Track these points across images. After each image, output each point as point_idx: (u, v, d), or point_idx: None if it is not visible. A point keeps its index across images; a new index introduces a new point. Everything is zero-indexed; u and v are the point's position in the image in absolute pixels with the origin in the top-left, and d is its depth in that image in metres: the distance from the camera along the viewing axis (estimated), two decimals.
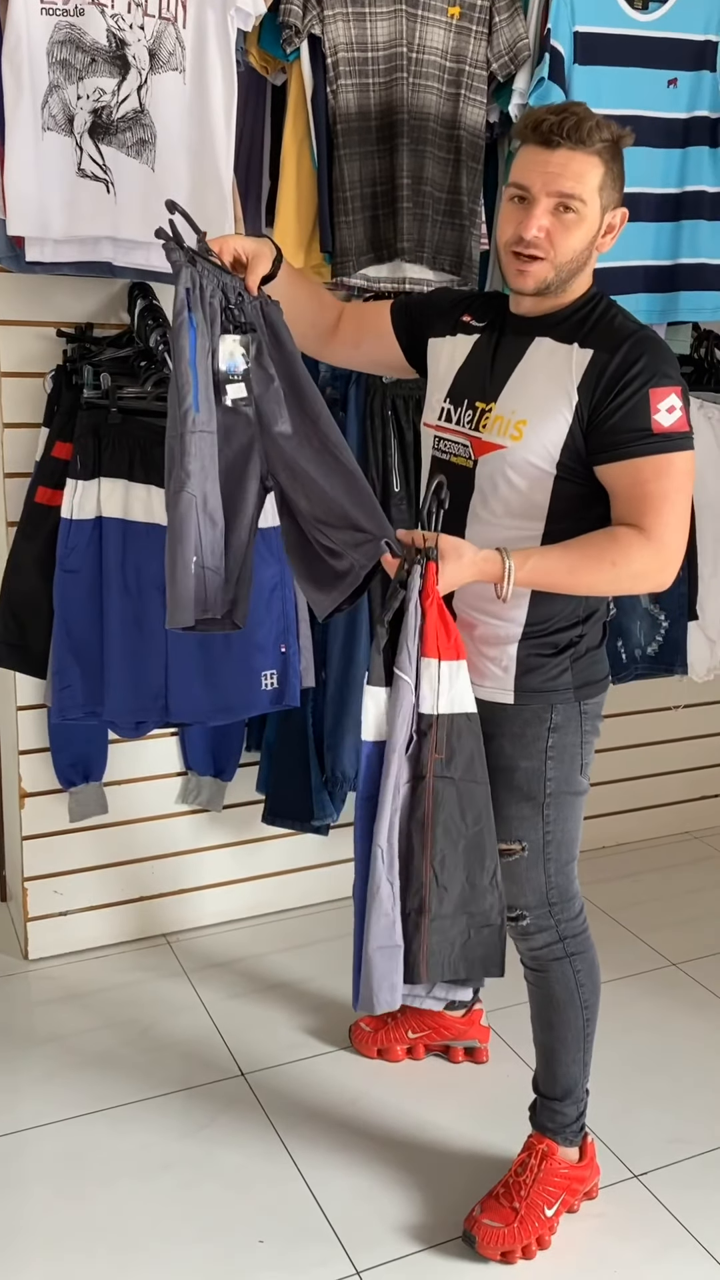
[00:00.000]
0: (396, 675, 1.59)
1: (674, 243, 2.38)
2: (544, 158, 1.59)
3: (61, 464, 2.18)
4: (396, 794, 1.60)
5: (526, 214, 1.61)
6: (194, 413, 1.56)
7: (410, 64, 2.12)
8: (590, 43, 2.20)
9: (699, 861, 3.22)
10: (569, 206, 1.59)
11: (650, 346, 1.62)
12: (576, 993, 1.87)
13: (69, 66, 1.91)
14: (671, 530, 1.62)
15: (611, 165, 1.61)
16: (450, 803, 1.62)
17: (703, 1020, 2.49)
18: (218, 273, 1.61)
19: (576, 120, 1.57)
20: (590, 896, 2.94)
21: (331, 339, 1.91)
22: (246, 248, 1.66)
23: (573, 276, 1.65)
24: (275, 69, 2.16)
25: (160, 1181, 1.99)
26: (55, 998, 2.48)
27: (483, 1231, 1.84)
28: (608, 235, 1.66)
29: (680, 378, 1.64)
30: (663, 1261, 1.87)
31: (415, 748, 1.60)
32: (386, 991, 1.63)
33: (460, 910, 1.65)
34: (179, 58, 1.98)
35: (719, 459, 2.71)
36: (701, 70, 2.31)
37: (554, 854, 1.80)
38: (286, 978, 2.57)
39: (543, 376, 1.65)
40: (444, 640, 1.59)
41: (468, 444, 1.71)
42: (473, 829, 1.64)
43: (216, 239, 1.65)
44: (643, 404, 1.59)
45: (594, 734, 1.81)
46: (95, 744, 2.45)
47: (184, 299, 1.56)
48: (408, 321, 1.86)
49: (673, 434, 1.60)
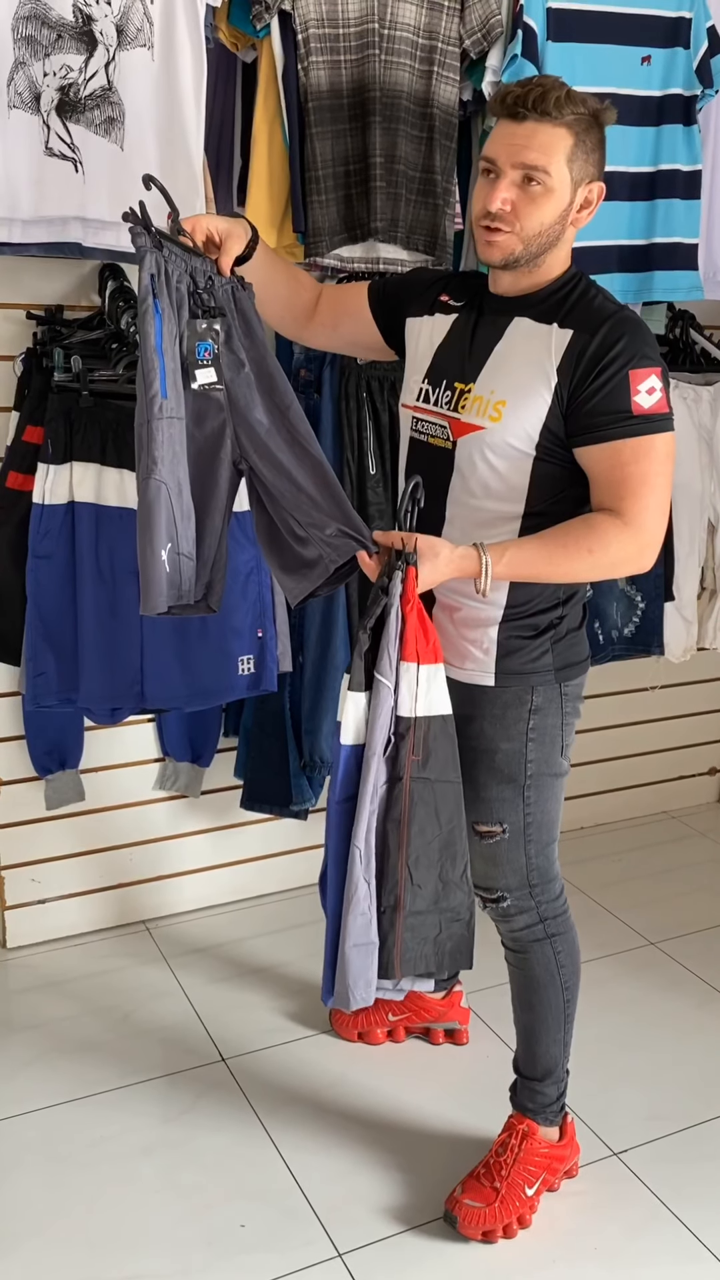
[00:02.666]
0: (376, 679, 1.59)
1: (648, 222, 2.37)
2: (511, 130, 1.58)
3: (32, 448, 2.15)
4: (374, 796, 1.61)
5: (491, 187, 1.60)
6: (161, 398, 1.55)
7: (382, 41, 2.10)
8: (563, 19, 2.18)
9: (677, 841, 3.25)
10: (533, 178, 1.57)
11: (630, 327, 1.61)
12: (557, 974, 1.88)
13: (34, 43, 1.87)
14: (650, 513, 1.61)
15: (584, 137, 1.58)
16: (426, 803, 1.63)
17: (680, 998, 2.51)
18: (187, 255, 1.59)
19: (542, 91, 1.55)
20: (569, 876, 2.95)
21: (309, 321, 1.89)
22: (220, 227, 1.64)
23: (545, 251, 1.63)
24: (245, 46, 2.14)
25: (141, 1167, 1.99)
26: (34, 985, 2.47)
27: (464, 1211, 1.85)
28: (584, 210, 1.64)
29: (660, 359, 1.63)
30: (643, 1238, 1.89)
31: (393, 750, 1.62)
32: (362, 988, 1.65)
33: (433, 907, 1.67)
34: (147, 34, 1.94)
35: (695, 439, 2.72)
36: (675, 47, 2.30)
37: (534, 835, 1.81)
38: (266, 962, 2.57)
39: (521, 357, 1.64)
40: (423, 644, 1.60)
41: (446, 425, 1.69)
42: (446, 827, 1.66)
43: (190, 218, 1.63)
44: (622, 385, 1.58)
45: (574, 715, 1.81)
46: (71, 731, 2.44)
47: (148, 285, 1.54)
48: (385, 302, 1.84)
49: (653, 415, 1.59)
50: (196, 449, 1.63)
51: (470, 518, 1.68)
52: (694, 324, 2.74)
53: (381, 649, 1.58)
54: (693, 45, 2.31)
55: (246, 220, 1.72)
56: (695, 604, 2.86)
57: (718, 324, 2.86)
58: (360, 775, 1.61)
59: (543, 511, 1.66)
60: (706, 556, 2.85)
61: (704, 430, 2.73)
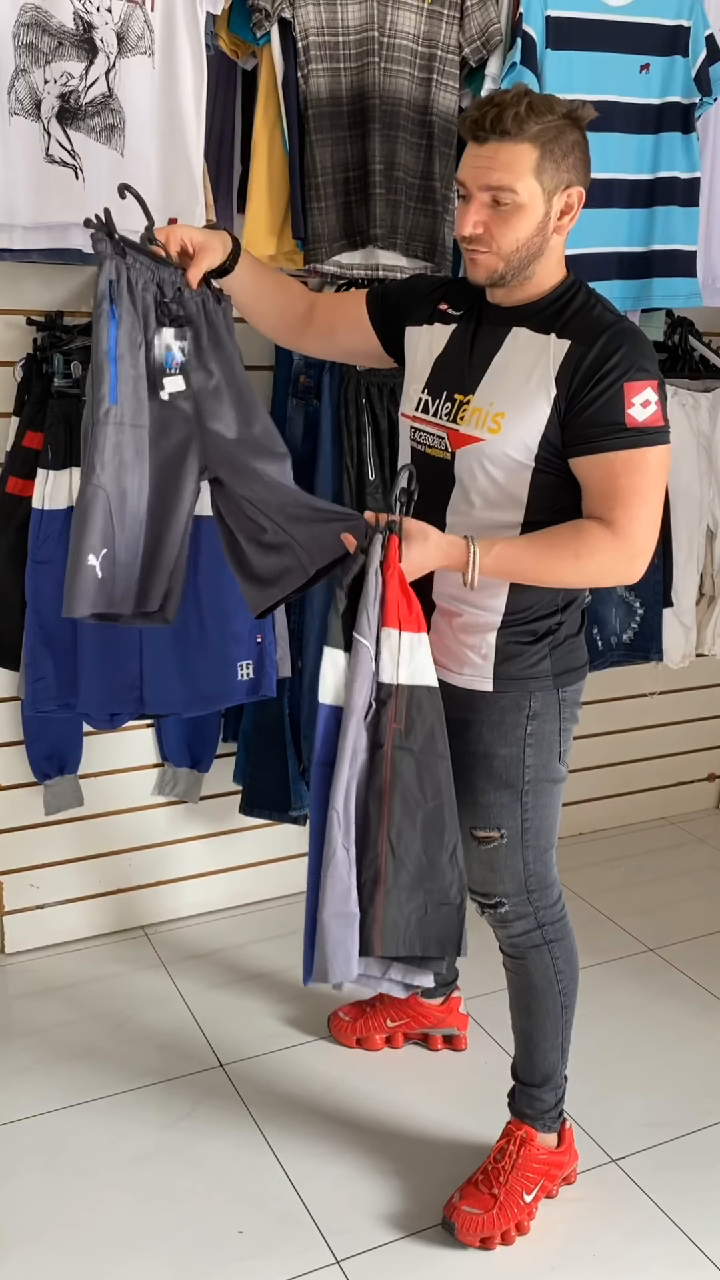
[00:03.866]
0: (356, 640, 1.57)
1: (647, 229, 2.38)
2: (475, 152, 1.57)
3: (32, 454, 2.16)
4: (354, 760, 1.58)
5: (464, 211, 1.60)
6: (109, 403, 1.54)
7: (382, 48, 2.10)
8: (562, 27, 2.19)
9: (676, 847, 3.24)
10: (500, 200, 1.56)
11: (628, 339, 1.61)
12: (555, 980, 1.88)
13: (35, 50, 1.88)
14: (639, 525, 1.61)
15: (551, 147, 1.56)
16: (408, 774, 1.60)
17: (679, 1005, 2.51)
18: (154, 265, 1.59)
19: (499, 111, 1.53)
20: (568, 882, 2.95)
21: (305, 330, 1.89)
22: (195, 239, 1.65)
23: (530, 262, 1.62)
24: (245, 53, 2.14)
25: (139, 1173, 1.99)
26: (33, 991, 2.47)
27: (462, 1218, 1.85)
28: (565, 216, 1.62)
29: (658, 371, 1.63)
30: (641, 1245, 1.88)
31: (374, 716, 1.59)
32: (341, 960, 1.59)
33: (417, 885, 1.62)
34: (147, 41, 1.95)
35: (694, 446, 2.72)
36: (674, 55, 2.31)
37: (532, 841, 1.81)
38: (265, 968, 2.57)
39: (520, 368, 1.64)
40: (405, 612, 1.58)
41: (444, 436, 1.69)
42: (431, 803, 1.62)
43: (165, 229, 1.64)
44: (617, 398, 1.58)
45: (572, 721, 1.81)
46: (70, 736, 2.44)
47: (105, 290, 1.55)
48: (384, 310, 1.84)
49: (646, 429, 1.59)
50: (162, 459, 1.62)
51: (469, 526, 1.68)
52: (693, 331, 2.75)
53: (360, 609, 1.56)
54: (691, 53, 2.32)
55: (229, 233, 1.72)
56: (694, 610, 2.86)
57: (716, 330, 2.87)
58: (339, 738, 1.58)
59: (542, 521, 1.66)
60: (705, 562, 2.85)
61: (703, 437, 2.74)
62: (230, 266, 1.72)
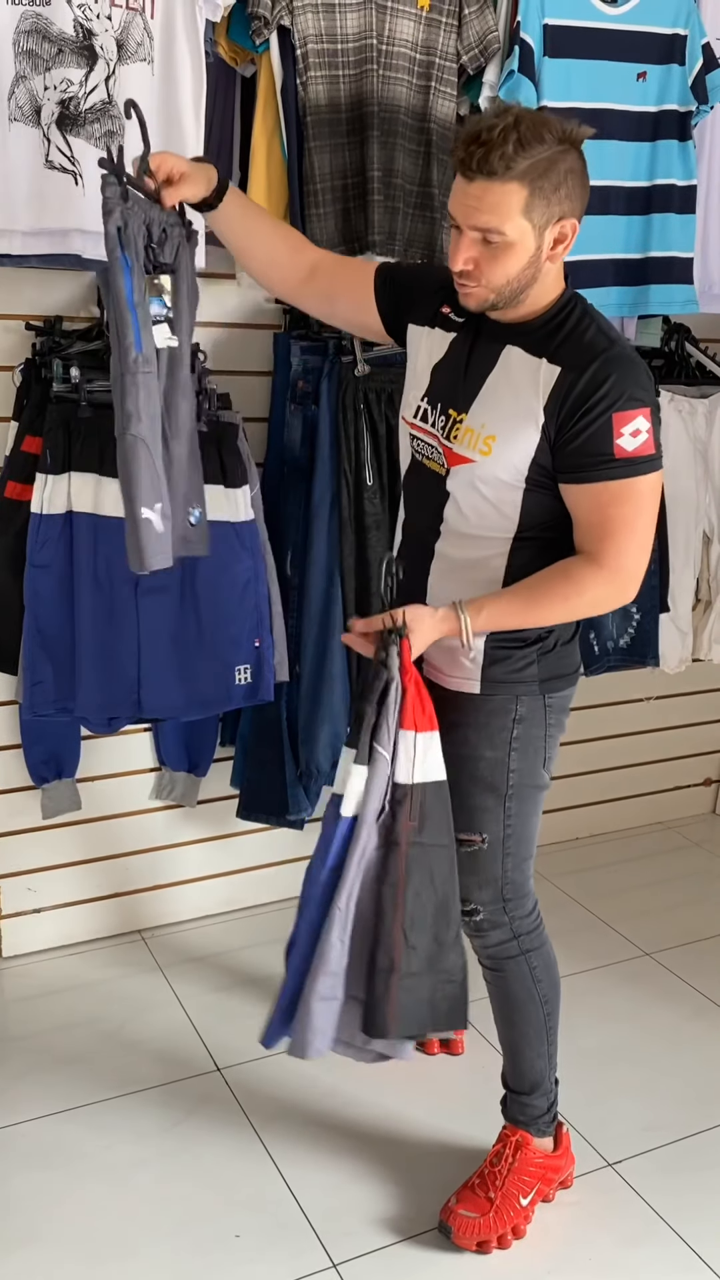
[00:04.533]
0: (375, 750, 1.62)
1: (644, 236, 2.39)
2: (464, 188, 1.53)
3: (31, 458, 2.16)
4: (362, 861, 1.64)
5: (456, 245, 1.57)
6: (135, 351, 1.51)
7: (380, 56, 2.11)
8: (560, 36, 2.20)
9: (672, 852, 3.25)
10: (489, 239, 1.54)
11: (619, 366, 1.58)
12: (534, 989, 1.88)
13: (35, 57, 1.89)
14: (628, 555, 1.61)
15: (541, 182, 1.51)
16: (422, 868, 1.66)
17: (675, 1009, 2.51)
18: (145, 206, 1.57)
19: (485, 151, 1.48)
20: (564, 887, 2.97)
21: (303, 286, 1.84)
22: (179, 168, 1.63)
23: (520, 292, 1.60)
24: (244, 60, 2.15)
25: (136, 1177, 1.99)
26: (29, 995, 2.47)
27: (458, 1222, 1.85)
28: (558, 246, 1.58)
29: (650, 397, 1.60)
30: (637, 1249, 1.88)
31: (388, 816, 1.64)
32: (321, 1040, 1.68)
33: (428, 969, 1.68)
34: (147, 48, 1.96)
35: (690, 452, 2.73)
36: (670, 64, 2.32)
37: (513, 849, 1.81)
38: (262, 972, 2.57)
39: (511, 391, 1.63)
40: (419, 713, 1.63)
41: (440, 451, 1.70)
42: (441, 891, 1.68)
43: (157, 155, 1.62)
44: (606, 428, 1.56)
45: (558, 728, 1.82)
46: (67, 740, 2.44)
47: (115, 237, 1.52)
48: (391, 297, 1.80)
49: (636, 459, 1.57)
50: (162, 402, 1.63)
51: (463, 538, 1.70)
52: (689, 337, 2.76)
53: (381, 721, 1.61)
54: (688, 62, 2.33)
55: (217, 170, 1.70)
56: (690, 615, 2.87)
57: (713, 337, 2.88)
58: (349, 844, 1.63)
59: (533, 536, 1.67)
60: (701, 568, 2.86)
61: (699, 443, 2.75)
62: (215, 202, 1.70)
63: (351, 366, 2.29)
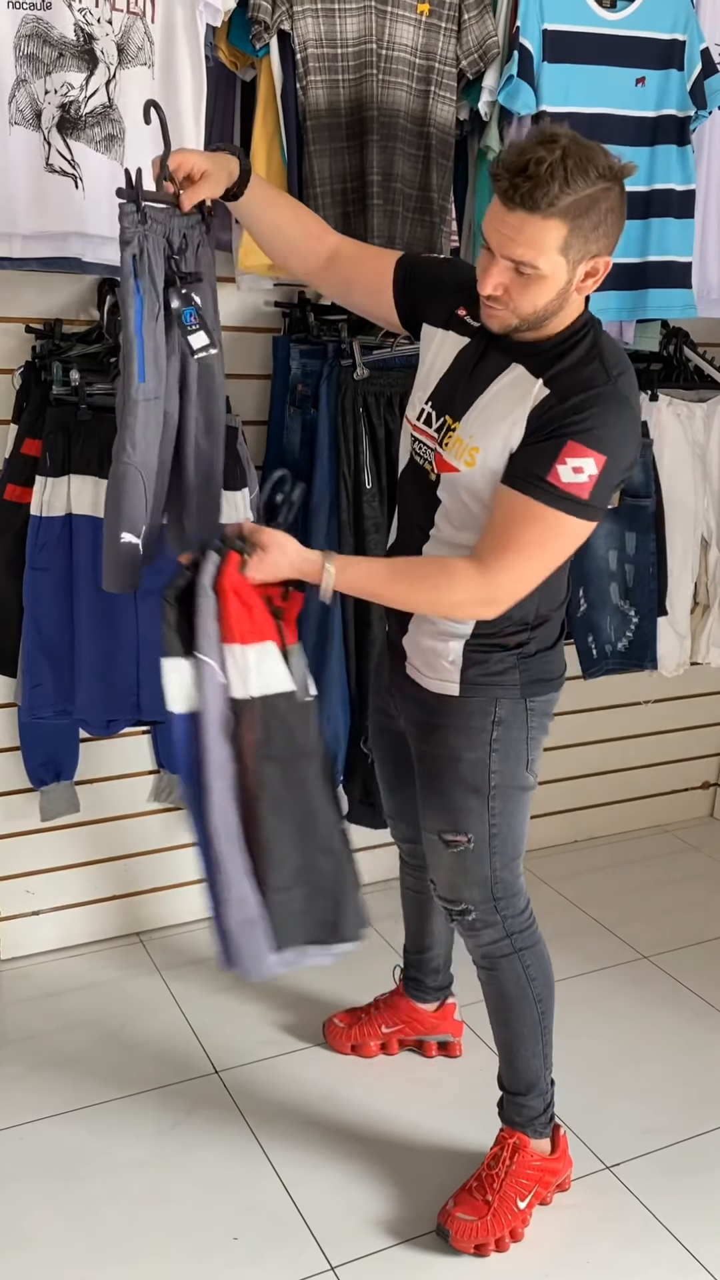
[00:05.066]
0: (199, 659, 1.58)
1: (643, 240, 2.39)
2: (502, 216, 1.50)
3: (30, 461, 2.17)
4: (221, 773, 1.60)
5: (486, 268, 1.56)
6: (138, 381, 1.55)
7: (380, 60, 2.12)
8: (559, 41, 2.21)
9: (670, 855, 3.25)
10: (521, 271, 1.52)
11: (603, 404, 1.55)
12: (528, 987, 1.88)
13: (36, 61, 1.89)
14: (509, 575, 1.59)
15: (581, 220, 1.49)
16: (274, 780, 1.63)
17: (674, 1012, 2.51)
18: (164, 218, 1.59)
19: (532, 185, 1.45)
20: (562, 890, 2.97)
21: (322, 272, 1.83)
22: (200, 166, 1.63)
23: (545, 320, 1.58)
24: (245, 64, 2.16)
25: (134, 1179, 1.99)
26: (28, 997, 2.47)
27: (456, 1225, 1.85)
28: (588, 280, 1.57)
29: (617, 450, 1.55)
30: (635, 1252, 1.89)
31: (234, 729, 1.61)
32: (252, 962, 1.66)
33: (296, 880, 1.66)
34: (147, 53, 1.96)
35: (688, 456, 2.74)
36: (669, 69, 2.32)
37: (499, 848, 1.81)
38: None
39: (502, 408, 1.62)
40: (247, 624, 1.59)
41: (433, 459, 1.70)
42: (302, 801, 1.65)
43: (178, 154, 1.62)
44: (554, 450, 1.54)
45: (541, 732, 1.81)
46: (66, 742, 2.44)
47: (130, 264, 1.55)
48: (410, 293, 1.78)
49: (564, 493, 1.54)
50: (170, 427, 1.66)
51: (451, 546, 1.70)
52: (688, 341, 2.77)
53: (197, 626, 1.58)
54: (686, 67, 2.33)
55: (239, 159, 1.69)
56: (688, 619, 2.87)
57: (711, 341, 2.88)
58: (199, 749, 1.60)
59: None
60: (699, 572, 2.87)
61: (697, 447, 2.75)
62: (238, 192, 1.70)
63: (351, 370, 2.29)
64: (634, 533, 2.70)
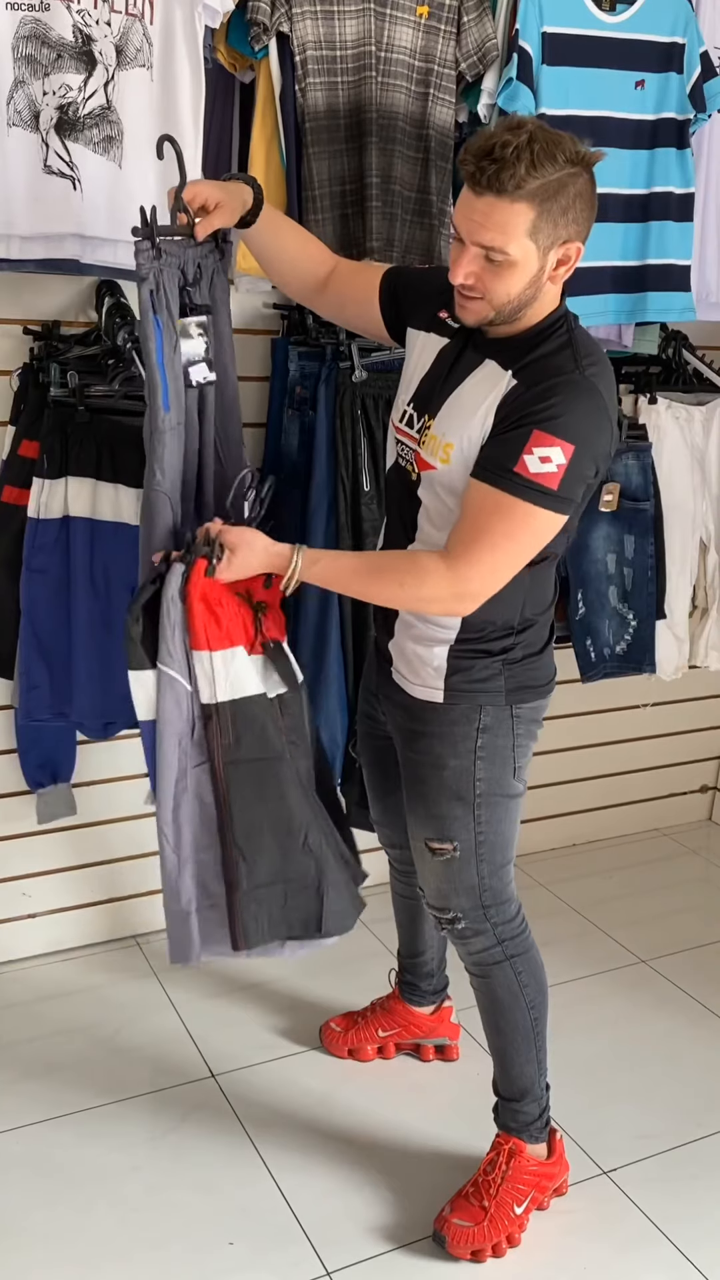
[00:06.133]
0: (162, 670, 1.61)
1: (641, 244, 2.39)
2: (470, 202, 1.50)
3: (28, 463, 2.16)
4: (183, 778, 1.63)
5: (457, 258, 1.55)
6: (163, 412, 1.60)
7: (379, 63, 2.12)
8: (558, 43, 2.21)
9: (668, 859, 3.25)
10: (491, 257, 1.52)
11: (569, 392, 1.53)
12: (521, 994, 1.88)
13: (34, 62, 1.89)
14: (477, 569, 1.57)
15: (550, 204, 1.48)
16: (244, 783, 1.64)
17: (671, 1016, 2.51)
18: (178, 251, 1.61)
19: (498, 168, 1.45)
20: (560, 893, 2.97)
21: (317, 294, 1.86)
22: (214, 197, 1.65)
23: (519, 310, 1.58)
24: (243, 66, 2.16)
25: (129, 1184, 1.98)
26: (23, 1000, 2.46)
27: (453, 1230, 1.85)
28: (561, 268, 1.56)
29: (584, 438, 1.53)
30: (632, 1257, 1.88)
31: (200, 735, 1.63)
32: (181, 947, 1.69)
33: (275, 879, 1.68)
34: (146, 54, 1.96)
35: (687, 459, 2.74)
36: (669, 72, 2.32)
37: (487, 855, 1.80)
38: (257, 978, 2.56)
39: (472, 404, 1.62)
40: (214, 630, 1.60)
41: (413, 459, 1.70)
42: (275, 802, 1.66)
43: (192, 186, 1.63)
44: (520, 440, 1.52)
45: (529, 739, 1.80)
46: (63, 745, 2.43)
47: (148, 300, 1.58)
48: (395, 303, 1.81)
49: (531, 483, 1.52)
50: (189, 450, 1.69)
51: (433, 541, 1.69)
52: (687, 344, 2.76)
53: (161, 637, 1.59)
54: (686, 70, 2.33)
55: (251, 186, 1.72)
56: (687, 622, 2.87)
57: (710, 344, 2.88)
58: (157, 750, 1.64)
59: None
60: (698, 575, 2.87)
61: (696, 450, 2.75)
62: (251, 220, 1.72)
63: (349, 372, 2.29)
64: (633, 536, 2.70)
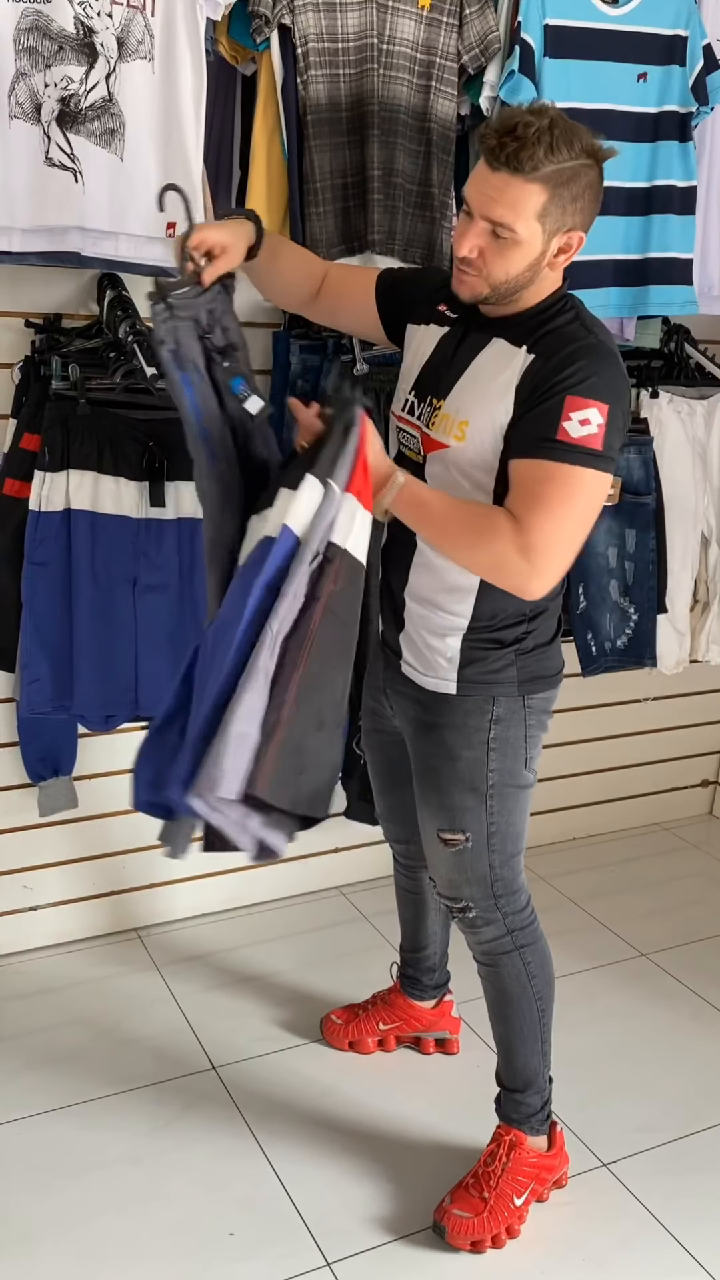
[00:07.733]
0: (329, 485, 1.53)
1: (644, 237, 2.39)
2: (485, 177, 1.54)
3: (29, 455, 2.16)
4: (296, 598, 1.53)
5: (464, 231, 1.58)
6: (208, 465, 1.67)
7: (381, 55, 2.11)
8: (560, 36, 2.20)
9: (668, 853, 3.25)
10: (498, 233, 1.54)
11: (589, 355, 1.56)
12: (529, 984, 1.88)
13: (36, 54, 1.88)
14: (543, 537, 1.53)
15: (561, 190, 1.52)
16: (329, 635, 1.56)
17: (671, 1010, 2.51)
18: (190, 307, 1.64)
19: (518, 146, 1.49)
20: (560, 887, 2.97)
21: (310, 303, 1.90)
22: (220, 242, 1.66)
23: (514, 292, 1.60)
24: (245, 59, 2.15)
25: (130, 1176, 1.99)
26: (25, 993, 2.47)
27: (452, 1221, 1.85)
28: (560, 255, 1.59)
29: (619, 398, 1.56)
30: (631, 1249, 1.89)
31: (317, 570, 1.55)
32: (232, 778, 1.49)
33: (301, 744, 1.55)
34: (148, 46, 1.96)
35: (689, 453, 2.74)
36: (671, 65, 2.32)
37: (498, 845, 1.81)
38: (258, 971, 2.57)
39: (488, 379, 1.63)
40: (363, 484, 1.57)
41: (418, 439, 1.71)
42: (333, 668, 1.58)
43: (198, 234, 1.65)
44: (556, 409, 1.53)
45: (540, 729, 1.81)
46: (64, 738, 2.44)
47: (170, 362, 1.62)
48: (392, 302, 1.83)
49: (577, 446, 1.53)
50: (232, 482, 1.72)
51: None
52: (689, 338, 2.76)
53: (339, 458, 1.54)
54: (688, 63, 2.33)
55: (252, 221, 1.74)
56: (688, 616, 2.87)
57: (712, 338, 2.88)
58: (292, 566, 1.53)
59: None
60: (699, 569, 2.86)
61: (698, 444, 2.75)
62: (253, 255, 1.75)
63: (351, 365, 2.29)
64: (634, 530, 2.69)
